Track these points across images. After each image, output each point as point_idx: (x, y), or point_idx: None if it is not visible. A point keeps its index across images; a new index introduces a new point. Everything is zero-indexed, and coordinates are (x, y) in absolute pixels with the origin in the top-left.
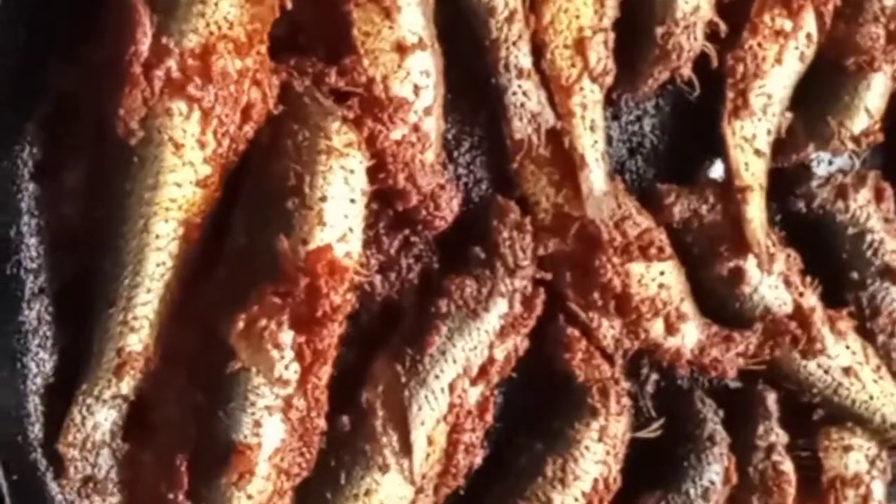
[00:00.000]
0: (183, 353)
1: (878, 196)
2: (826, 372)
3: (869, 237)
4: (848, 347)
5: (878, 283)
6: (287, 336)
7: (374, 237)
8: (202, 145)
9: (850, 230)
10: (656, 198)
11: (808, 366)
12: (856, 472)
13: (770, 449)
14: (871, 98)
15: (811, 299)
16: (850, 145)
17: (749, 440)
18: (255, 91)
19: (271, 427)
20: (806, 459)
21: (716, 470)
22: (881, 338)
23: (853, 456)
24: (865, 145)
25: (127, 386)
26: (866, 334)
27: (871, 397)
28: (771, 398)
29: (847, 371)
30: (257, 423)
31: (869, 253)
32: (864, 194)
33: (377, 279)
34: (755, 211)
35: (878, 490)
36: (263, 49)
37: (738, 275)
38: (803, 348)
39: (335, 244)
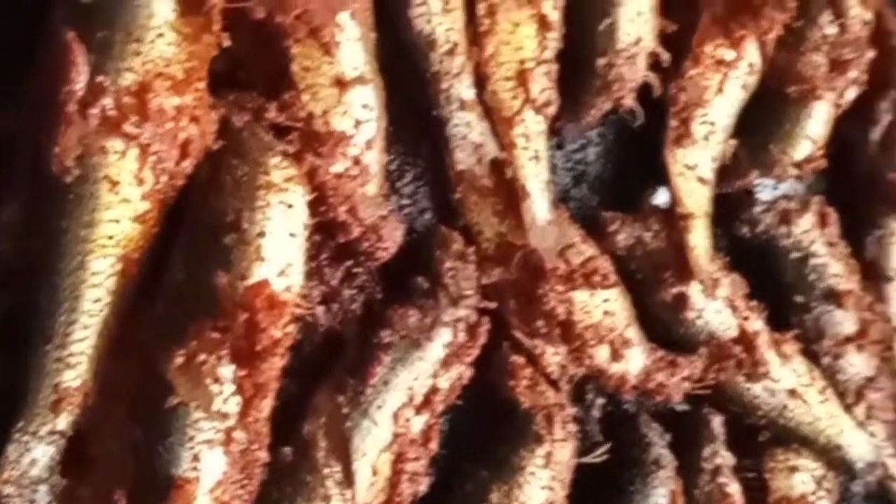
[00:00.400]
0: (121, 388)
1: (822, 221)
2: (771, 394)
3: (812, 261)
4: (793, 370)
5: (822, 306)
6: (227, 370)
7: (316, 268)
8: (139, 182)
9: (794, 254)
10: (600, 226)
11: (754, 388)
12: (802, 493)
13: (716, 471)
14: (814, 125)
15: (756, 323)
16: (793, 172)
17: (695, 463)
18: (194, 127)
19: (211, 460)
20: (752, 481)
21: (662, 493)
22: (826, 360)
23: (799, 477)
24: (808, 172)
25: (64, 422)
26: (811, 356)
27: (817, 418)
28: (717, 421)
29: (792, 393)
30: (196, 457)
31: (813, 277)
32: (808, 219)
33: (319, 310)
34: (699, 238)
35: None
36: (202, 85)
37: (682, 300)
38: (748, 371)
39: (274, 279)
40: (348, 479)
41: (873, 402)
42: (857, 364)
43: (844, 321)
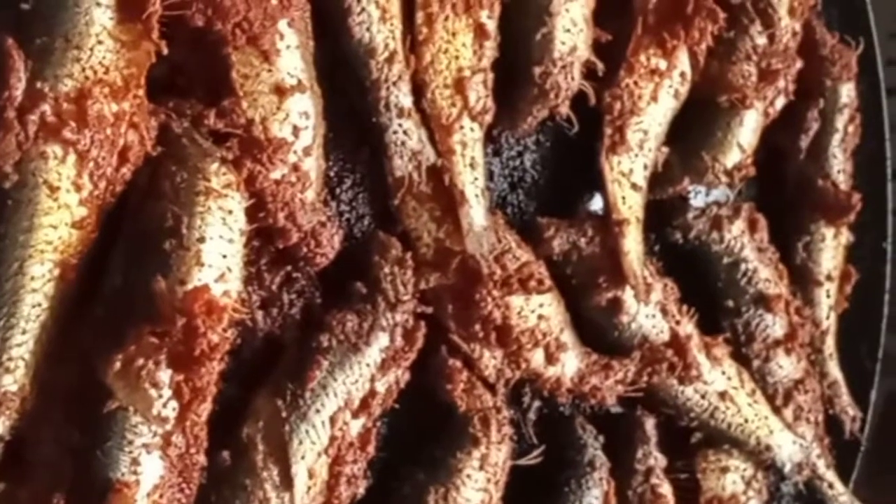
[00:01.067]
0: (60, 392)
1: (752, 227)
2: (703, 397)
3: (743, 266)
4: (723, 373)
5: (752, 310)
6: (165, 375)
7: (255, 273)
8: (78, 188)
9: (726, 260)
10: (536, 231)
11: (686, 391)
12: (732, 493)
13: (648, 472)
14: (744, 133)
15: (687, 327)
16: (724, 179)
17: (628, 464)
18: (133, 133)
19: (149, 464)
20: (684, 481)
21: (595, 494)
22: (756, 362)
23: (730, 477)
24: (738, 179)
25: (2, 426)
26: (742, 359)
27: (746, 420)
28: (649, 423)
29: (723, 396)
30: (135, 461)
31: (743, 281)
32: (739, 225)
33: (259, 315)
34: (632, 243)
35: None
36: (140, 92)
37: (616, 305)
38: (680, 374)
39: (213, 284)
40: (286, 483)
41: (801, 404)
42: (785, 367)
43: (774, 325)
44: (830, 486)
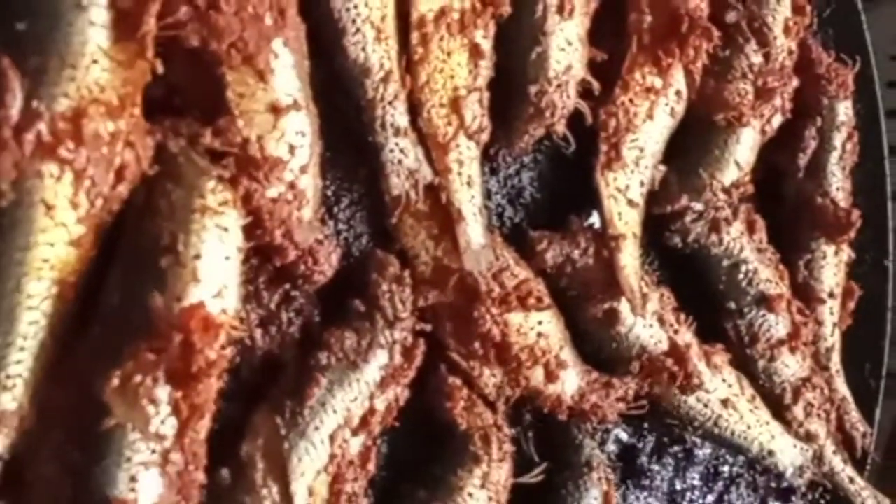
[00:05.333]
0: (59, 410)
1: (750, 228)
2: (706, 406)
3: (743, 267)
4: (724, 380)
5: (754, 311)
6: (163, 391)
7: (254, 292)
8: (75, 206)
9: (726, 262)
10: (529, 245)
11: (688, 401)
12: None
13: None
14: (741, 151)
15: (686, 336)
16: (722, 196)
17: None
18: (129, 152)
19: (148, 482)
20: None
21: (594, 495)
22: (761, 363)
23: None
24: (736, 196)
25: (1, 445)
26: (747, 361)
27: (749, 426)
28: None
29: (725, 403)
30: (133, 479)
31: (744, 283)
32: (737, 227)
33: (258, 333)
34: (628, 258)
35: None
36: (136, 111)
37: (613, 316)
38: (681, 384)
39: (209, 301)
40: (286, 500)
41: (811, 401)
42: (791, 365)
43: (777, 324)
44: (851, 480)
